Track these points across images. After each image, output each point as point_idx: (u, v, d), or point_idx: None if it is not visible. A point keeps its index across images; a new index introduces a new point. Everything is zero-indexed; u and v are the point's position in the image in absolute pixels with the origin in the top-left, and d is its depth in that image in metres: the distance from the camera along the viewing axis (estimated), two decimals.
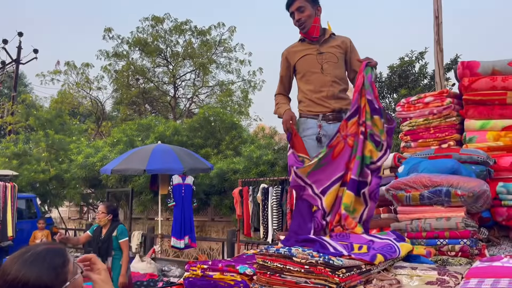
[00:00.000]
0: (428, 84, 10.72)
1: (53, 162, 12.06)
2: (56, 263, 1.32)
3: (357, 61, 3.07)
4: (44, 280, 1.26)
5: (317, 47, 3.05)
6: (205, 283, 2.17)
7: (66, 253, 1.40)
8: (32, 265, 1.27)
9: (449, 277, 1.80)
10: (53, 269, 1.30)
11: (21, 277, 1.25)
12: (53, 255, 1.33)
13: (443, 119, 3.59)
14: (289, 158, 2.85)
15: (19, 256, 1.31)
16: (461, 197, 2.57)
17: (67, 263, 1.35)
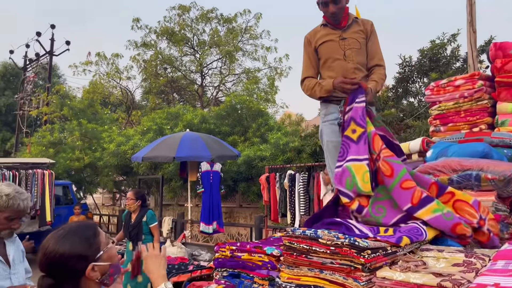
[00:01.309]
0: (460, 67, 10.38)
1: (87, 150, 12.49)
2: (88, 234, 1.43)
3: (372, 48, 3.03)
4: (78, 250, 1.38)
5: (340, 33, 3.01)
6: (234, 263, 2.24)
7: (97, 226, 1.52)
8: (65, 239, 1.40)
9: (476, 259, 1.80)
10: (85, 240, 1.41)
11: (57, 248, 1.37)
12: (84, 229, 1.45)
13: (474, 102, 3.51)
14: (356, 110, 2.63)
15: (55, 232, 1.43)
16: (491, 181, 2.53)
17: (98, 234, 1.46)
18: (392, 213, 2.36)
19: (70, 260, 1.36)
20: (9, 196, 2.25)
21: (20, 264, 2.41)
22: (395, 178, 2.34)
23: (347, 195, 2.44)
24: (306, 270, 1.92)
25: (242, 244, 2.28)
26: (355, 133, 2.56)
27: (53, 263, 1.36)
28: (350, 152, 2.53)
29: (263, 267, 2.14)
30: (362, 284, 1.73)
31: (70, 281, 1.37)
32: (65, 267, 1.36)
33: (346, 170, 2.49)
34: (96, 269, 1.40)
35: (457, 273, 1.66)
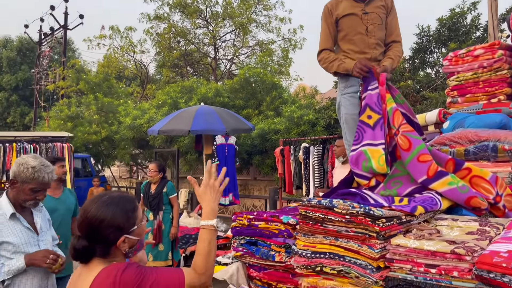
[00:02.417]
0: (480, 36, 10.08)
1: (104, 124, 12.68)
2: (128, 207, 1.50)
3: (392, 23, 2.99)
4: (117, 221, 1.45)
5: (362, 6, 2.96)
6: (251, 232, 2.32)
7: (136, 201, 1.59)
8: (108, 206, 1.47)
9: (490, 228, 1.83)
10: (125, 212, 1.48)
11: (99, 215, 1.45)
12: (126, 201, 1.52)
13: (493, 73, 3.45)
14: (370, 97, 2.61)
15: (98, 198, 1.50)
16: (508, 152, 2.53)
17: (136, 209, 1.54)
18: (407, 185, 2.39)
19: (107, 229, 1.44)
20: (35, 169, 2.34)
21: (48, 231, 2.53)
22: (412, 151, 2.35)
23: (363, 177, 2.47)
24: (322, 238, 1.98)
25: (259, 213, 2.34)
26: (371, 119, 2.56)
27: (92, 227, 1.44)
28: (366, 137, 2.54)
29: (280, 235, 2.20)
30: (376, 251, 1.78)
31: (101, 246, 1.45)
32: (101, 233, 1.44)
33: (361, 154, 2.50)
34: (126, 242, 1.47)
35: (471, 240, 1.69)
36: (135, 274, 1.39)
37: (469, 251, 1.58)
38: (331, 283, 1.91)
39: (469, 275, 1.54)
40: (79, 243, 1.46)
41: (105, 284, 1.37)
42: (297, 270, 2.02)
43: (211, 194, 1.65)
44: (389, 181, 2.46)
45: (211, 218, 1.60)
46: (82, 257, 1.47)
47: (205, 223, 1.58)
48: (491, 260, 1.48)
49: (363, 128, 2.58)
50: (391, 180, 2.46)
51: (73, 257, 1.48)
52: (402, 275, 1.70)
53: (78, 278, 1.47)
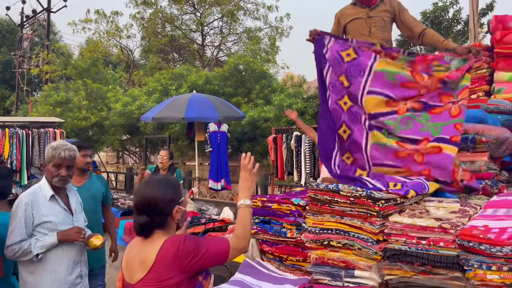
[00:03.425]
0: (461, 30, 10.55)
1: (93, 110, 12.73)
2: (174, 184, 1.87)
3: (411, 20, 3.32)
4: (169, 194, 1.79)
5: (367, 11, 3.31)
6: (265, 212, 2.65)
7: (177, 179, 1.94)
8: (159, 186, 1.81)
9: (470, 208, 2.20)
10: (173, 187, 1.84)
11: (154, 193, 1.78)
12: (170, 179, 1.89)
13: (474, 71, 3.82)
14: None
15: (148, 182, 1.85)
16: (485, 144, 2.91)
17: (180, 185, 1.88)
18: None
19: (162, 202, 1.77)
20: (53, 147, 2.65)
21: (80, 213, 2.81)
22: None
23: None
24: (329, 217, 2.32)
25: (271, 196, 2.67)
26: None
27: (150, 204, 1.76)
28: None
29: (291, 215, 2.54)
30: (376, 227, 2.13)
31: (160, 219, 1.78)
32: (159, 207, 1.77)
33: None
34: (178, 211, 1.81)
35: (454, 218, 2.06)
36: (193, 244, 1.72)
37: (453, 226, 1.95)
38: (337, 254, 2.26)
39: (453, 245, 1.91)
40: (141, 219, 1.77)
41: (170, 252, 1.69)
42: (307, 244, 2.36)
43: (246, 183, 2.01)
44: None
45: (246, 198, 1.97)
46: (145, 231, 1.79)
47: (241, 202, 1.96)
48: (471, 232, 1.85)
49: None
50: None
51: (137, 233, 1.80)
52: (398, 246, 2.06)
53: (142, 250, 1.78)
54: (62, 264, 2.61)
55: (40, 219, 2.57)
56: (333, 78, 2.94)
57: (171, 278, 1.70)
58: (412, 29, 3.38)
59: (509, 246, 1.74)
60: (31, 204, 2.56)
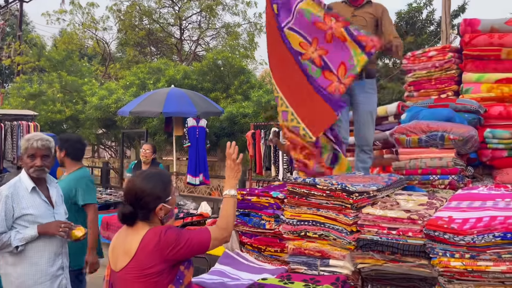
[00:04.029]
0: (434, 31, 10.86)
1: (68, 103, 12.50)
2: (165, 181, 1.90)
3: (387, 29, 3.47)
4: (156, 191, 1.83)
5: (352, 10, 3.43)
6: (244, 205, 2.74)
7: (170, 176, 1.98)
8: (149, 180, 1.85)
9: (436, 201, 2.36)
10: (163, 184, 1.87)
11: (142, 186, 1.82)
12: (164, 175, 1.92)
13: (444, 72, 4.02)
14: None
15: (141, 173, 1.89)
16: (453, 141, 3.08)
17: (171, 183, 1.92)
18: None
19: (148, 197, 1.81)
20: (26, 139, 2.68)
21: (61, 205, 2.83)
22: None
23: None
24: (306, 209, 2.43)
25: (251, 190, 2.77)
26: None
27: (136, 196, 1.81)
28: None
29: (270, 208, 2.64)
30: (350, 219, 2.26)
31: (143, 212, 1.82)
32: (143, 201, 1.81)
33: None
34: (163, 209, 1.85)
35: (422, 210, 2.20)
36: (175, 234, 1.78)
37: (421, 217, 2.09)
38: (313, 245, 2.38)
39: (420, 235, 2.05)
40: (126, 209, 1.83)
41: (152, 242, 1.76)
42: (285, 235, 2.47)
43: (232, 172, 2.04)
44: None
45: (232, 188, 2.01)
46: (128, 220, 1.84)
47: (226, 193, 2.00)
48: (436, 223, 2.00)
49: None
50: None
51: (121, 221, 1.85)
52: (370, 237, 2.19)
53: (125, 239, 1.84)
54: (44, 256, 2.63)
55: (20, 211, 2.58)
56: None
57: (152, 267, 1.76)
58: (387, 35, 3.51)
59: (471, 235, 1.89)
60: (11, 196, 2.57)
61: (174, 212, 2.03)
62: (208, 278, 2.39)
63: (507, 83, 3.70)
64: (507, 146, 3.22)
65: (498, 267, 1.82)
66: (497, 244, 1.83)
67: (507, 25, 3.69)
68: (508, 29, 3.69)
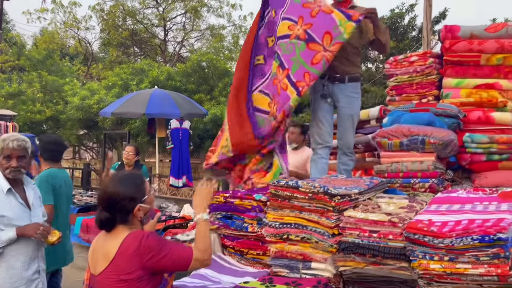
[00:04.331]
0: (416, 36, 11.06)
1: (48, 103, 12.27)
2: (137, 181, 1.87)
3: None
4: (130, 192, 1.80)
5: None
6: (227, 208, 2.72)
7: (143, 176, 1.94)
8: (121, 183, 1.81)
9: (417, 204, 2.39)
10: (135, 185, 1.84)
11: (116, 190, 1.78)
12: (135, 177, 1.88)
13: (424, 77, 4.07)
14: None
15: (113, 177, 1.85)
16: (433, 145, 3.12)
17: (144, 182, 1.89)
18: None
19: (123, 200, 1.78)
20: (2, 139, 2.62)
21: (39, 208, 2.76)
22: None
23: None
24: (288, 212, 2.43)
25: (234, 192, 2.75)
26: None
27: (111, 201, 1.78)
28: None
29: (252, 210, 2.62)
30: (332, 222, 2.26)
31: (121, 216, 1.79)
32: (119, 204, 1.78)
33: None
34: (141, 209, 1.82)
35: (403, 213, 2.23)
36: (156, 241, 1.75)
37: (401, 220, 2.11)
38: (296, 248, 2.37)
39: (400, 237, 2.07)
40: (103, 215, 1.79)
41: (132, 246, 1.72)
42: (267, 238, 2.46)
43: (200, 198, 2.05)
44: None
45: (204, 213, 1.99)
46: (106, 226, 1.80)
47: (199, 217, 1.97)
48: (416, 226, 2.02)
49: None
50: None
51: (99, 227, 1.81)
52: (352, 239, 2.20)
53: (104, 242, 1.80)
54: (19, 260, 2.56)
55: None
56: (270, 18, 3.41)
57: (130, 272, 1.72)
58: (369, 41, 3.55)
59: (450, 238, 1.92)
60: None
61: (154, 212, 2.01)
62: (190, 281, 2.36)
63: (486, 88, 3.76)
64: (485, 151, 3.27)
65: (476, 270, 1.85)
66: (475, 247, 1.86)
67: (486, 32, 3.76)
68: (487, 36, 3.76)
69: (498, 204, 2.21)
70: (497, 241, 1.81)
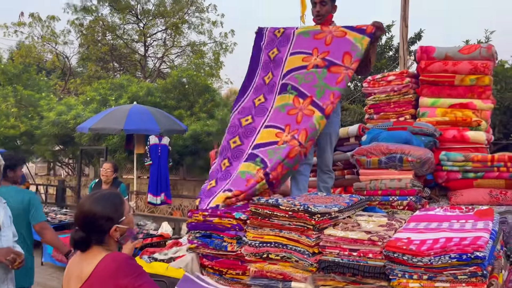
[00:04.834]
0: (392, 56, 11.34)
1: (23, 118, 11.97)
2: (116, 201, 1.80)
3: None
4: (107, 212, 1.74)
5: None
6: (206, 226, 2.67)
7: (122, 196, 1.89)
8: (99, 201, 1.75)
9: (396, 222, 2.40)
10: (114, 205, 1.78)
11: (91, 210, 1.73)
12: (114, 196, 1.82)
13: (402, 96, 4.16)
14: None
15: (91, 195, 1.79)
16: (411, 163, 3.17)
17: (123, 202, 1.83)
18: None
19: (99, 219, 1.72)
20: None
21: (9, 228, 2.65)
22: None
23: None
24: (268, 230, 2.40)
25: (213, 210, 2.70)
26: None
27: (86, 220, 1.71)
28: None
29: (232, 229, 2.58)
30: (312, 240, 2.25)
31: (97, 236, 1.73)
32: (95, 224, 1.72)
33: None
34: (117, 230, 1.76)
35: (382, 231, 2.23)
36: (134, 267, 1.68)
37: (381, 238, 2.11)
38: (276, 267, 2.34)
39: (380, 256, 2.07)
40: (77, 234, 1.72)
41: (110, 268, 1.66)
42: (247, 257, 2.42)
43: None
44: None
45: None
46: (81, 246, 1.74)
47: None
48: (396, 244, 2.02)
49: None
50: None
51: (73, 247, 1.74)
52: (332, 258, 2.18)
53: (79, 263, 1.73)
54: None
55: None
56: (265, 56, 3.48)
57: None
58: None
59: (428, 257, 1.93)
60: None
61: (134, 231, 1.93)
62: None
63: (460, 108, 3.87)
64: (461, 169, 3.33)
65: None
66: (453, 265, 1.87)
67: (460, 53, 3.88)
68: (461, 57, 3.88)
69: (474, 222, 2.24)
70: (475, 260, 1.83)
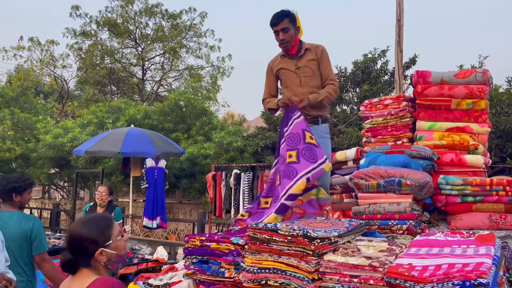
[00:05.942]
0: (388, 80, 11.48)
1: (19, 141, 11.92)
2: (102, 225, 1.79)
3: (325, 71, 3.59)
4: (92, 235, 1.73)
5: (295, 62, 3.54)
6: (203, 251, 2.61)
7: (112, 219, 1.86)
8: (85, 224, 1.75)
9: (396, 247, 2.36)
10: (100, 228, 1.77)
11: (78, 232, 1.72)
12: (101, 219, 1.81)
13: (399, 119, 4.19)
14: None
15: (81, 218, 1.80)
16: (409, 187, 3.15)
17: (112, 226, 1.80)
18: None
19: (83, 242, 1.70)
20: None
21: (1, 253, 2.59)
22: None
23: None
24: (267, 256, 2.35)
25: (210, 235, 2.65)
26: (313, 139, 3.26)
27: (73, 242, 1.70)
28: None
29: (229, 254, 2.53)
30: (312, 266, 2.20)
31: (83, 258, 1.71)
32: (80, 246, 1.70)
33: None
34: (104, 254, 1.73)
35: (383, 256, 2.19)
36: None
37: (382, 264, 2.07)
38: None
39: (382, 282, 2.02)
40: (65, 256, 1.71)
41: None
42: (245, 284, 2.36)
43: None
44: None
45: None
46: (69, 268, 1.72)
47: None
48: (397, 270, 1.98)
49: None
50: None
51: (62, 268, 1.72)
52: (332, 285, 2.13)
53: (70, 285, 1.69)
54: None
55: None
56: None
57: None
58: (324, 80, 3.62)
59: (431, 283, 1.89)
60: None
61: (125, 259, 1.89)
62: None
63: (457, 131, 3.89)
64: (459, 193, 3.32)
65: None
66: None
67: (456, 78, 3.93)
68: (456, 82, 3.93)
69: (476, 247, 2.21)
70: (478, 286, 1.79)
